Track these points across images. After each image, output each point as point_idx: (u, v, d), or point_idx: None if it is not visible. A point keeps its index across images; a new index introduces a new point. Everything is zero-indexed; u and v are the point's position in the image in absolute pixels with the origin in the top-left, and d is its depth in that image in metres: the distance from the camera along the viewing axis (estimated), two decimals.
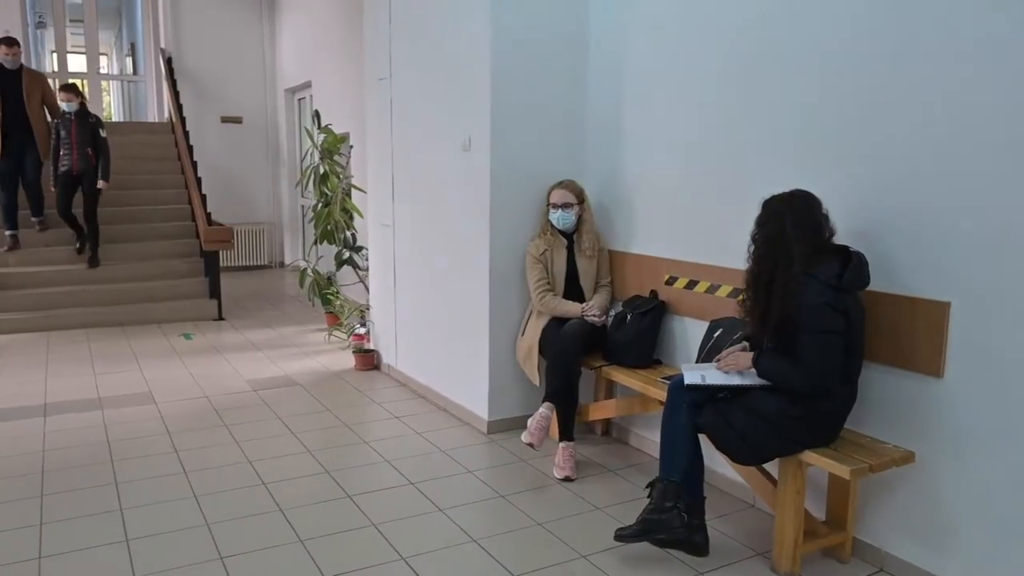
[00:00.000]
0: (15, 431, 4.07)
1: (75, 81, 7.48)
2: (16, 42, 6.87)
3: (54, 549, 2.84)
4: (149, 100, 11.83)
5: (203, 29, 9.56)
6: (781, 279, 2.51)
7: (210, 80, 9.64)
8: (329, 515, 3.15)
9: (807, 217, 2.56)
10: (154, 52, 11.09)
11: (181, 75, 9.34)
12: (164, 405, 4.50)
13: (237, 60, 9.73)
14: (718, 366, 2.79)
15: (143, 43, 12.72)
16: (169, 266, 7.20)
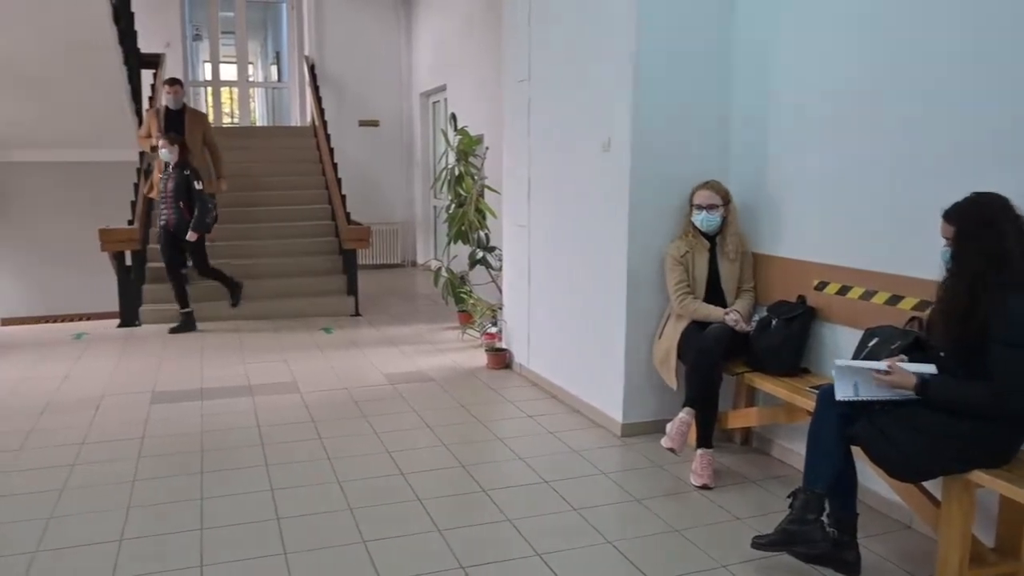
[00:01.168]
0: (176, 412, 4.46)
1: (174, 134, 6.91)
2: (179, 82, 7.20)
3: (214, 522, 3.10)
4: (292, 105, 12.59)
5: (344, 37, 10.09)
6: (993, 292, 2.36)
7: (350, 85, 10.16)
8: (465, 508, 3.27)
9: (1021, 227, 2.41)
10: (298, 60, 11.80)
11: (323, 81, 9.90)
12: (308, 395, 4.79)
13: (375, 66, 10.21)
14: (876, 380, 2.61)
15: (287, 52, 13.57)
16: (310, 263, 7.64)
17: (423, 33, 9.83)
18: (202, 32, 14.80)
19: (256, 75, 19.87)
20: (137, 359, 5.68)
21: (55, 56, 8.10)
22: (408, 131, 10.43)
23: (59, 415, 4.43)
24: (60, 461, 3.74)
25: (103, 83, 8.69)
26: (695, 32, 3.86)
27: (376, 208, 9.84)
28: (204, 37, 14.59)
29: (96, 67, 8.39)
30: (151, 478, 3.55)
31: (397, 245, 10.38)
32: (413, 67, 10.25)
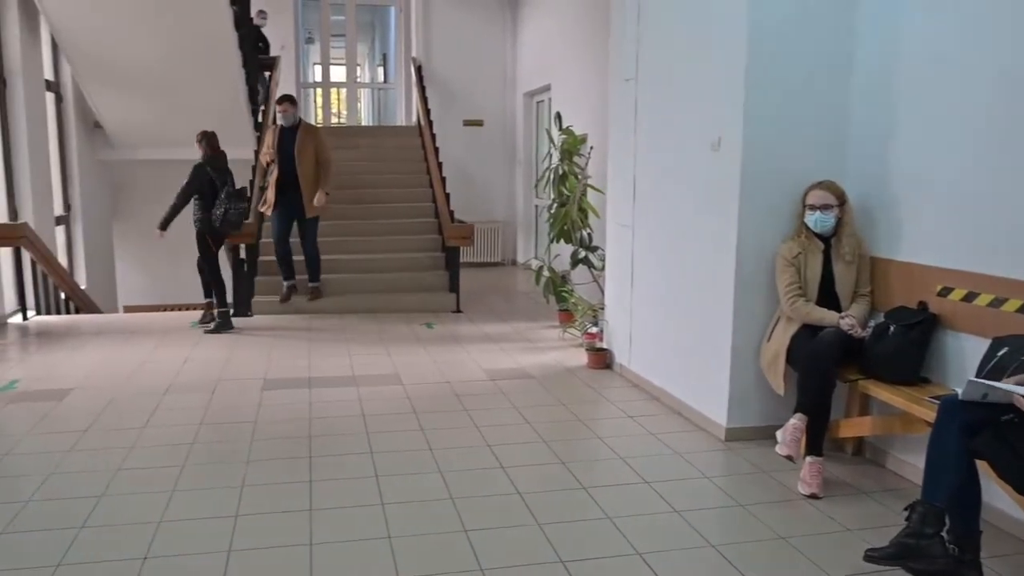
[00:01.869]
0: (286, 399, 4.70)
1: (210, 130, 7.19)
2: (288, 99, 7.14)
3: (322, 504, 3.26)
4: (398, 105, 12.98)
5: (450, 39, 10.34)
6: None
7: (455, 86, 10.39)
8: (565, 503, 3.30)
9: None
10: (404, 61, 12.17)
11: (429, 81, 10.17)
12: (410, 387, 4.94)
13: (480, 66, 10.41)
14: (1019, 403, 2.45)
15: (394, 53, 13.99)
16: (414, 260, 7.86)
17: (528, 33, 9.94)
18: (314, 35, 15.43)
19: (363, 76, 20.57)
20: (249, 347, 6.00)
21: (181, 61, 8.67)
22: (511, 131, 10.58)
23: (179, 396, 4.75)
24: (181, 439, 4.01)
25: (223, 86, 9.23)
26: (810, 26, 3.76)
27: (477, 207, 10.00)
28: (316, 40, 15.20)
29: (217, 70, 8.93)
30: (264, 459, 3.76)
31: (497, 244, 10.54)
32: (517, 67, 10.39)
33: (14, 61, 7.90)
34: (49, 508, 3.23)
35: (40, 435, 4.08)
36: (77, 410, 4.46)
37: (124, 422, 4.27)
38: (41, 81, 8.69)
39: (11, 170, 7.87)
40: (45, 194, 8.64)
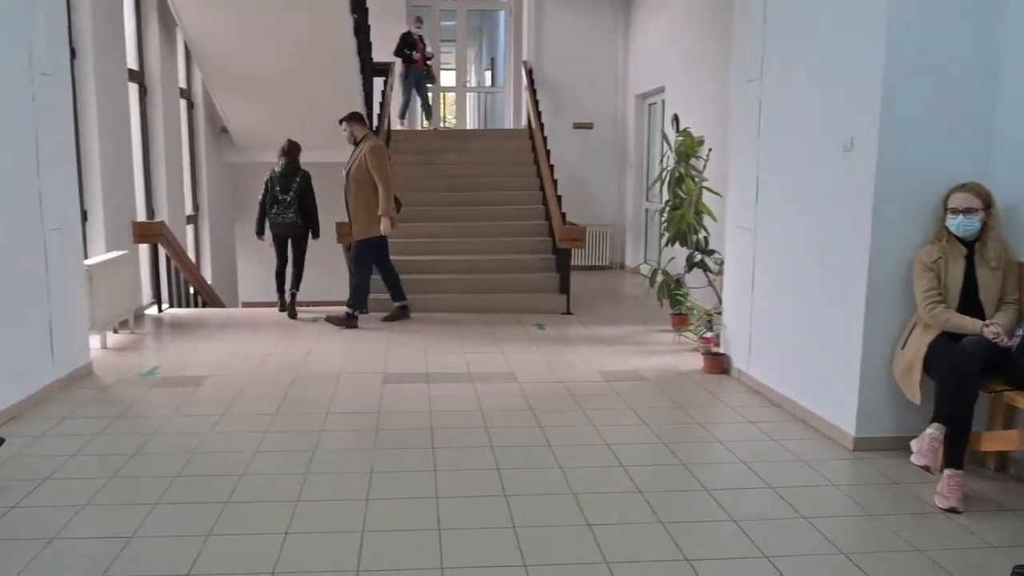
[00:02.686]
0: (406, 392, 4.89)
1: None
2: (346, 119, 7.02)
3: (447, 492, 3.39)
4: (506, 108, 13.20)
5: (562, 41, 10.46)
6: None
7: (565, 88, 10.50)
8: (687, 503, 3.32)
9: None
10: (514, 64, 12.37)
11: (539, 84, 10.31)
12: (525, 385, 5.05)
13: (591, 69, 10.49)
14: None
15: (503, 57, 14.24)
16: (524, 261, 8.00)
17: (641, 35, 9.95)
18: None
19: (470, 80, 21.00)
20: (367, 342, 6.26)
21: (301, 68, 9.13)
22: (622, 133, 10.59)
23: (305, 386, 5.02)
24: (310, 427, 4.25)
25: (340, 91, 9.64)
26: (954, 18, 3.64)
27: (586, 210, 10.07)
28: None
29: (335, 77, 9.35)
30: (389, 448, 3.94)
31: (606, 247, 10.57)
32: (629, 69, 10.40)
33: (154, 71, 8.54)
34: (197, 483, 3.50)
35: (183, 417, 4.41)
36: (213, 396, 4.79)
37: (257, 408, 4.55)
38: (176, 89, 9.34)
39: (149, 172, 8.50)
40: (178, 195, 9.28)
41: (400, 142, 9.99)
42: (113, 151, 6.81)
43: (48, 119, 4.78)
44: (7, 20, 4.35)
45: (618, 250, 10.71)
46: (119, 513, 3.19)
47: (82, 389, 4.91)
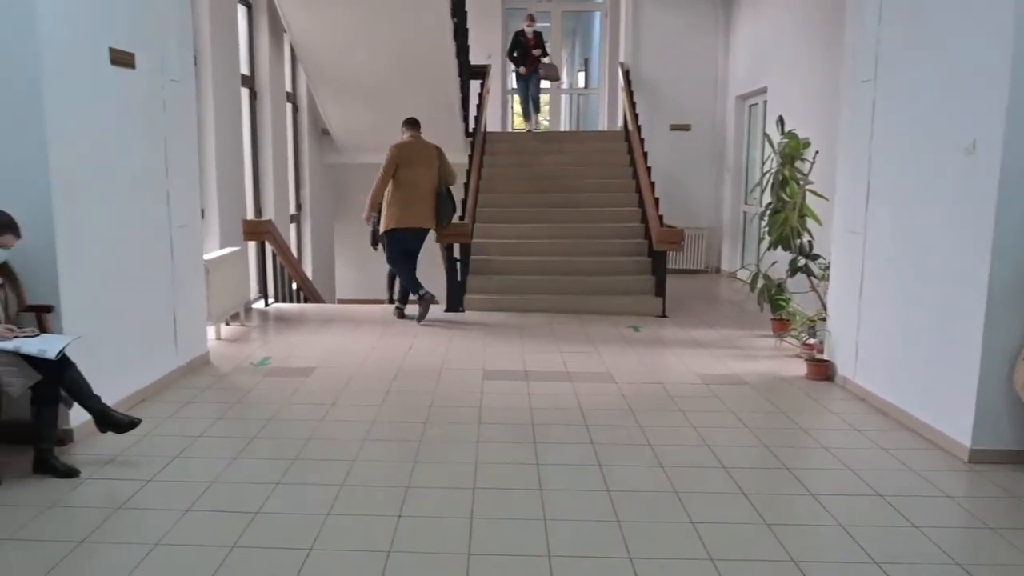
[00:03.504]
0: (505, 389, 5.04)
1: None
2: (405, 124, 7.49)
3: (550, 485, 3.51)
4: (600, 110, 13.27)
5: (660, 42, 10.46)
6: None
7: (662, 90, 10.49)
8: (792, 507, 3.34)
9: None
10: (609, 65, 12.42)
11: (636, 86, 10.33)
12: (623, 385, 5.12)
13: (690, 70, 10.45)
14: None
15: (598, 58, 14.31)
16: (619, 263, 8.05)
17: (743, 35, 9.85)
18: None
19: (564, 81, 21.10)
20: (465, 340, 6.45)
21: (401, 71, 9.45)
22: (720, 135, 10.51)
23: (408, 380, 5.23)
24: (415, 418, 4.44)
25: (439, 94, 9.93)
26: None
27: (681, 212, 10.01)
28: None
29: (434, 80, 9.63)
30: (492, 441, 4.08)
31: (701, 251, 10.50)
32: (730, 70, 10.31)
33: (263, 76, 9.00)
34: (314, 466, 3.73)
35: (295, 405, 4.68)
36: (322, 386, 5.06)
37: (363, 399, 4.78)
38: (283, 93, 9.81)
39: (258, 173, 8.97)
40: (283, 195, 9.74)
41: (496, 143, 10.19)
42: (228, 153, 7.23)
43: (176, 123, 5.15)
44: (144, 29, 4.72)
45: (714, 254, 10.62)
46: (245, 490, 3.44)
47: (201, 376, 5.26)
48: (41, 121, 3.78)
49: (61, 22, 3.88)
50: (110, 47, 4.34)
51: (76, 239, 4.03)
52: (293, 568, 2.78)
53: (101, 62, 4.28)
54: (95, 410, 3.74)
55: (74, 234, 4.01)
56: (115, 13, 4.41)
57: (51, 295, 3.90)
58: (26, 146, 3.79)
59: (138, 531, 3.06)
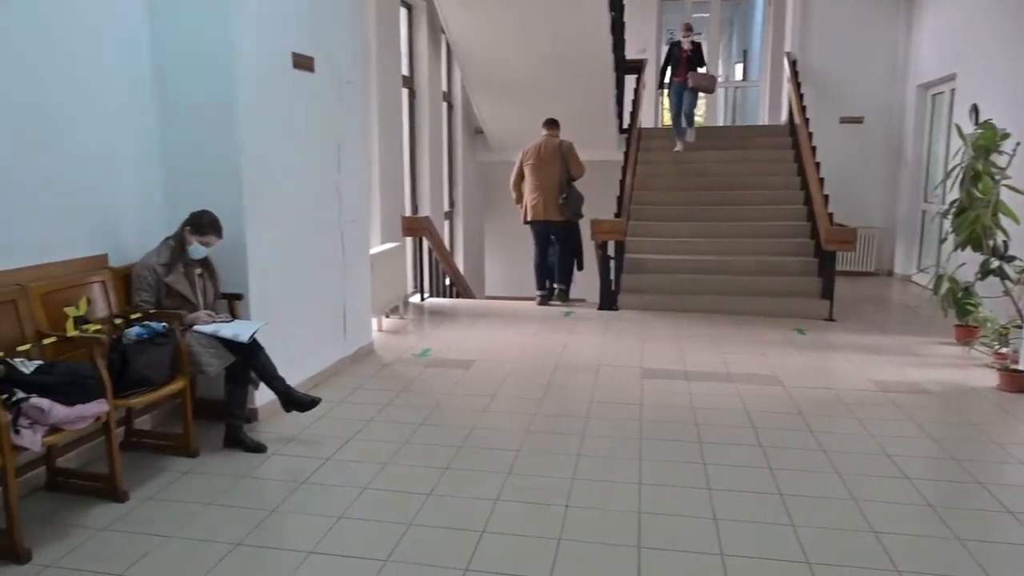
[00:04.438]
0: (665, 388, 5.04)
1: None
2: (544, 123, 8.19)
3: (718, 485, 3.50)
4: (760, 103, 12.88)
5: (831, 30, 10.03)
6: None
7: (832, 81, 10.07)
8: (987, 523, 3.17)
9: None
10: (771, 56, 12.05)
11: (803, 77, 9.97)
12: (791, 389, 4.99)
13: (865, 58, 9.95)
14: None
15: (759, 49, 13.91)
16: (781, 263, 7.82)
17: (929, 18, 9.26)
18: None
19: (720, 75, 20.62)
20: (621, 338, 6.48)
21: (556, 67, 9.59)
22: (897, 127, 9.95)
23: (566, 375, 5.34)
24: (576, 412, 4.54)
25: (593, 91, 10.01)
26: None
27: (850, 210, 9.56)
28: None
29: (589, 76, 9.72)
30: (655, 439, 4.11)
31: (871, 252, 9.99)
32: (911, 56, 9.73)
33: (422, 76, 9.41)
34: (479, 454, 3.90)
35: (458, 396, 4.89)
36: (482, 379, 5.25)
37: (523, 392, 4.93)
38: (440, 92, 10.22)
39: (415, 170, 9.39)
40: (438, 192, 10.15)
41: (651, 139, 10.15)
42: (389, 151, 7.61)
43: (348, 123, 5.51)
44: (322, 34, 5.08)
45: (886, 255, 10.06)
46: (416, 472, 3.65)
47: (367, 365, 5.59)
48: (234, 125, 4.18)
49: (252, 31, 4.26)
50: (293, 52, 4.72)
51: (262, 234, 4.41)
52: (467, 548, 2.94)
53: (285, 66, 4.66)
54: (280, 390, 4.09)
55: (260, 229, 4.39)
56: (297, 19, 4.79)
57: (241, 284, 4.29)
58: (223, 148, 4.20)
59: (322, 505, 3.33)
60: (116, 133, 3.99)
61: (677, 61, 9.95)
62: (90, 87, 3.80)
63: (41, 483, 3.46)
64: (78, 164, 3.73)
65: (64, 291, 3.55)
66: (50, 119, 3.56)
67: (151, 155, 4.23)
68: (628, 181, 8.65)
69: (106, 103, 3.92)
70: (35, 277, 3.43)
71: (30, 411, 2.85)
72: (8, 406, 2.82)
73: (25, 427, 2.83)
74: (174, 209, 4.18)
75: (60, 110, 3.62)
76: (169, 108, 4.23)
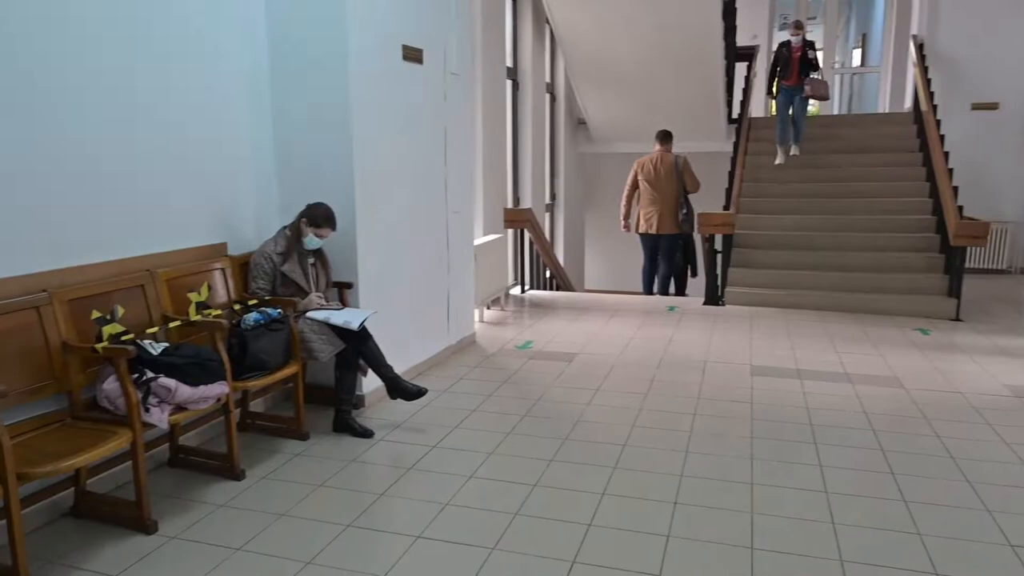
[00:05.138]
0: (777, 386, 4.90)
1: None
2: (657, 136, 8.41)
3: (837, 489, 3.38)
4: (882, 90, 12.33)
5: (965, 12, 9.46)
6: None
7: (964, 65, 9.52)
8: None
9: None
10: (894, 40, 11.51)
11: (929, 61, 9.47)
12: (914, 392, 4.77)
13: (1003, 40, 9.34)
14: None
15: (881, 32, 13.29)
16: (903, 259, 7.46)
17: None
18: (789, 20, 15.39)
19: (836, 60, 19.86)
20: (728, 334, 6.34)
21: (665, 56, 9.44)
22: None
23: (671, 371, 5.26)
24: (683, 409, 4.47)
25: (702, 80, 9.81)
26: None
27: (980, 203, 9.01)
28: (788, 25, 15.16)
29: (699, 63, 9.52)
30: (766, 438, 4.00)
31: (1003, 247, 9.40)
32: None
33: (525, 66, 9.44)
34: (584, 447, 3.90)
35: (561, 388, 4.90)
36: (585, 372, 5.24)
37: (628, 387, 4.89)
38: (543, 84, 10.23)
39: (517, 162, 9.44)
40: (539, 184, 10.17)
41: (761, 129, 9.86)
42: (492, 143, 7.68)
43: (454, 114, 5.58)
44: (430, 25, 5.16)
45: (1019, 251, 9.44)
46: (521, 463, 3.68)
47: (470, 355, 5.67)
48: (347, 120, 4.30)
49: (364, 24, 4.37)
50: (403, 44, 4.82)
51: (371, 225, 4.53)
52: (574, 541, 2.94)
53: (395, 59, 4.76)
54: (388, 378, 4.20)
55: (370, 220, 4.51)
56: (407, 12, 4.88)
57: (350, 273, 4.42)
58: (335, 143, 4.33)
59: (428, 491, 3.40)
60: (235, 128, 4.18)
61: (787, 62, 9.12)
62: (213, 84, 3.99)
63: (164, 459, 3.67)
64: (202, 158, 3.93)
65: (187, 277, 3.75)
66: (180, 116, 3.76)
67: (266, 149, 4.41)
68: (738, 173, 8.45)
69: (226, 100, 4.11)
70: (161, 263, 3.64)
71: (158, 390, 3.02)
72: (139, 385, 3.00)
73: (154, 405, 3.01)
74: (288, 201, 4.36)
75: (189, 109, 3.82)
76: (283, 104, 4.39)
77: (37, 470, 2.59)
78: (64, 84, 3.15)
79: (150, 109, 3.58)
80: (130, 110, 3.47)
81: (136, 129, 3.51)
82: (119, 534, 3.00)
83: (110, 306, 3.26)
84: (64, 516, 3.14)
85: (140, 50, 3.51)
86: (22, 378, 2.88)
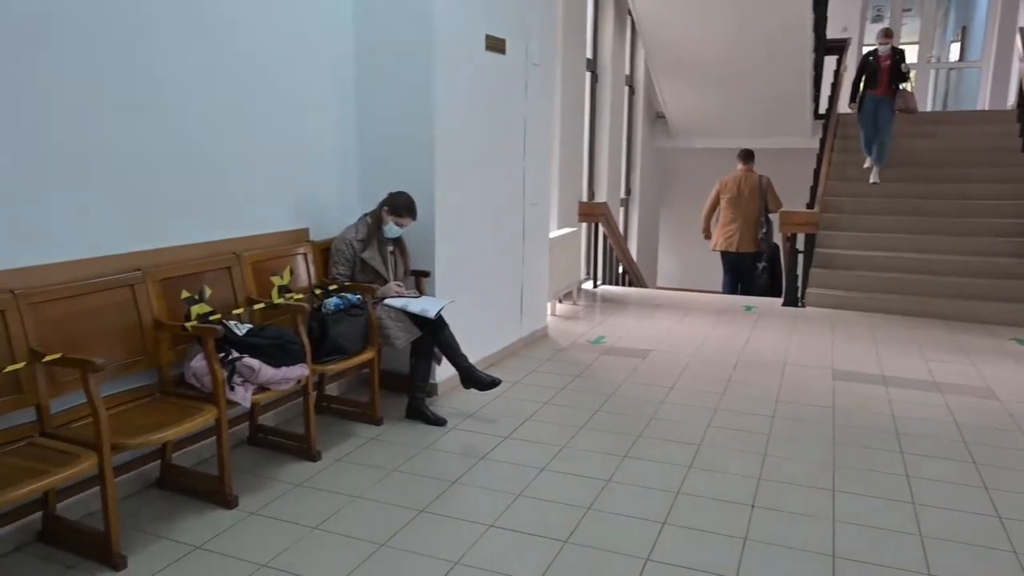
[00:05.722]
0: (860, 392, 4.77)
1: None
2: (739, 155, 8.40)
3: (926, 500, 3.28)
4: (982, 87, 11.85)
5: None
6: None
7: None
8: None
9: None
10: (998, 33, 11.04)
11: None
12: (1009, 404, 4.58)
13: None
14: None
15: (983, 25, 12.77)
16: (1001, 265, 7.15)
17: None
18: (883, 12, 14.93)
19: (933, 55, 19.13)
20: (808, 336, 6.19)
21: (751, 49, 9.26)
22: None
23: (749, 372, 5.17)
24: (760, 411, 4.39)
25: (790, 73, 9.58)
26: None
27: None
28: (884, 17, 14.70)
29: (786, 56, 9.30)
30: (849, 445, 3.90)
31: None
32: None
33: (605, 59, 9.39)
34: (658, 445, 3.87)
35: (635, 384, 4.87)
36: (659, 369, 5.20)
37: (703, 386, 4.83)
38: (622, 76, 10.16)
39: (593, 155, 9.40)
40: (615, 178, 10.12)
41: (849, 126, 9.57)
42: (570, 135, 7.66)
43: (535, 106, 5.58)
44: (513, 15, 5.17)
45: None
46: (594, 458, 3.68)
47: (542, 348, 5.68)
48: (430, 111, 4.35)
49: (449, 14, 4.41)
50: (487, 34, 4.84)
51: (450, 214, 4.58)
52: (648, 538, 2.93)
53: (478, 49, 4.79)
54: (462, 367, 4.24)
55: (449, 210, 4.56)
56: (491, 1, 4.90)
57: (428, 262, 4.48)
58: (417, 133, 4.39)
59: (500, 481, 3.42)
60: (319, 119, 4.28)
61: (875, 72, 8.42)
62: (299, 79, 4.10)
63: (244, 437, 3.79)
64: (288, 147, 4.04)
65: (270, 261, 3.86)
66: (265, 112, 3.87)
67: (349, 138, 4.50)
68: (823, 171, 8.25)
69: (312, 94, 4.21)
70: (246, 247, 3.76)
71: (243, 370, 3.13)
72: (224, 364, 3.10)
73: (238, 384, 3.11)
74: (368, 189, 4.44)
75: (275, 104, 3.93)
76: (367, 94, 4.48)
77: (130, 441, 2.71)
78: (167, 88, 3.28)
79: (239, 106, 3.70)
80: (221, 108, 3.60)
81: (227, 124, 3.63)
82: (201, 507, 3.12)
83: (199, 287, 3.38)
84: (150, 487, 3.28)
85: (225, 49, 3.61)
86: (117, 353, 3.02)
